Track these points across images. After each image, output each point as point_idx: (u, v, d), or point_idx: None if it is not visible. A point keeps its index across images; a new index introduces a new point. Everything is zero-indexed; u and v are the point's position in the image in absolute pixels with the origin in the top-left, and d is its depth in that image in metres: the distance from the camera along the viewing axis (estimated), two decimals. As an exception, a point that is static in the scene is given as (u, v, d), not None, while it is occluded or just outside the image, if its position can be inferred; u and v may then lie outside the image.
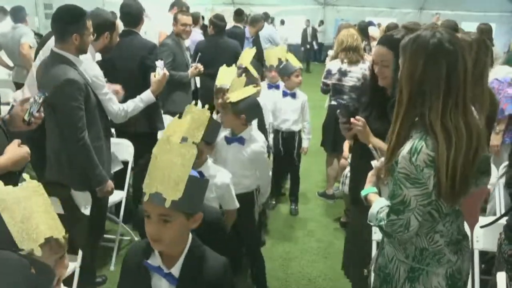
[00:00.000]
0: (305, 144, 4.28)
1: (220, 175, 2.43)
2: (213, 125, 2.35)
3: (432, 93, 1.52)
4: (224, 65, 3.23)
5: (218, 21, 5.22)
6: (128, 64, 3.60)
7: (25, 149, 2.06)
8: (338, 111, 2.29)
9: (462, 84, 1.54)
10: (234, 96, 2.70)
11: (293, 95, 4.15)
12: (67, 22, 2.55)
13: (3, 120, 2.17)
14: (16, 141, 2.06)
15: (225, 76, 3.08)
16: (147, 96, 3.10)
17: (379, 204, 1.72)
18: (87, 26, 2.60)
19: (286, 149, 4.22)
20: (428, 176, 1.52)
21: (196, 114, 2.14)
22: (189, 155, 1.47)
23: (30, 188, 1.29)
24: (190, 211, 1.50)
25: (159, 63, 3.34)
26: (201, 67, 4.53)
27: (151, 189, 1.44)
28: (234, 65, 3.43)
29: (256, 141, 2.82)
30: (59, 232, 1.31)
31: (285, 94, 4.15)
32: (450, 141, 1.50)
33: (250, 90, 2.77)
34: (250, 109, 2.77)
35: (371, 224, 1.77)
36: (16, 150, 2.03)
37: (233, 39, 5.50)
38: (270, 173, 3.01)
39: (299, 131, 4.25)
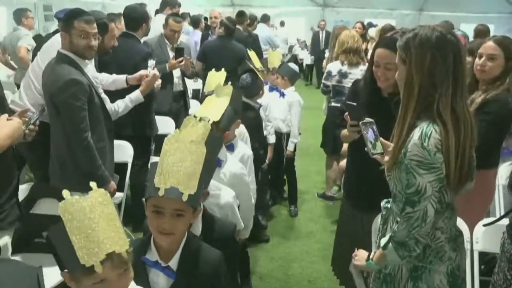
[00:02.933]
0: (289, 147, 4.26)
1: (222, 194, 2.21)
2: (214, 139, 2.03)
3: (443, 83, 1.56)
4: (223, 68, 3.19)
5: (229, 23, 5.25)
6: (122, 68, 3.58)
7: (16, 120, 1.96)
8: (347, 113, 2.16)
9: (465, 73, 1.61)
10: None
11: (282, 94, 4.16)
12: None
13: None
14: (3, 116, 1.95)
15: (214, 81, 2.99)
16: (135, 96, 3.15)
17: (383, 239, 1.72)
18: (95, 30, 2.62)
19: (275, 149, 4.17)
20: (441, 161, 1.55)
21: (195, 126, 1.91)
22: (199, 152, 1.51)
23: (96, 198, 1.19)
24: (198, 206, 1.58)
25: (151, 63, 3.33)
26: (184, 63, 4.17)
27: (166, 184, 1.46)
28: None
29: (233, 162, 2.49)
30: (121, 246, 1.19)
31: (280, 94, 4.17)
32: (459, 128, 1.56)
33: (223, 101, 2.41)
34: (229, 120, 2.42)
35: (393, 260, 1.70)
36: (7, 124, 1.92)
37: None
38: (253, 201, 2.69)
39: (287, 134, 4.22)
